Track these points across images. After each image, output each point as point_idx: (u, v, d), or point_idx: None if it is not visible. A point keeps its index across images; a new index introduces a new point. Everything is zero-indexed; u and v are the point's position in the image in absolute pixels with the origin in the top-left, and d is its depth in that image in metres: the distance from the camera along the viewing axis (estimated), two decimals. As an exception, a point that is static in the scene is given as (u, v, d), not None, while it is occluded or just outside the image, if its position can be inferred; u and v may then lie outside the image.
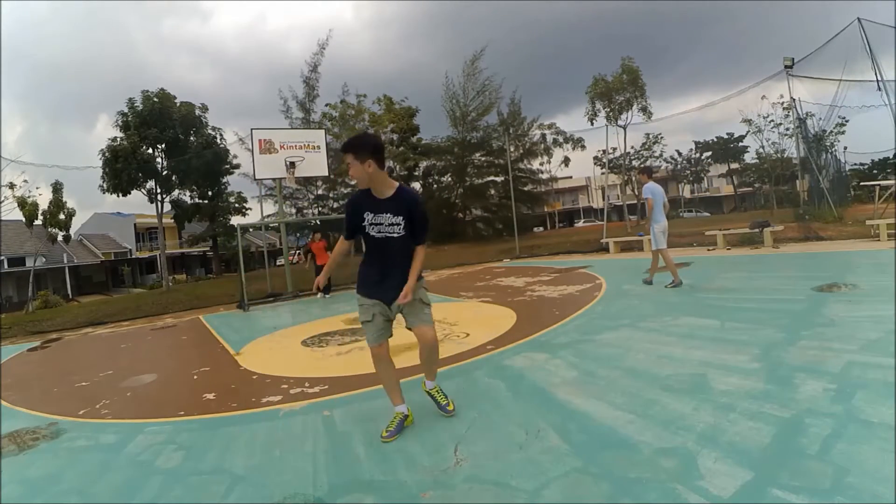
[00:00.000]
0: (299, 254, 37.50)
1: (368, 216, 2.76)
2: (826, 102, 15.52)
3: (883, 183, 13.31)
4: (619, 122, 24.25)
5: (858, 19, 12.00)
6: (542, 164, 35.11)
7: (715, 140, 47.45)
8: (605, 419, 2.72)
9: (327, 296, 10.89)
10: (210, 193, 26.60)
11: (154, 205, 22.49)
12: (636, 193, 39.86)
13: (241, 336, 7.00)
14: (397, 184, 2.82)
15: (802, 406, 2.58)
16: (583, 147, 35.16)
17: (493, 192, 31.88)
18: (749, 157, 42.11)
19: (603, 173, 35.73)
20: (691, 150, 49.92)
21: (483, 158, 31.55)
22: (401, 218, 2.74)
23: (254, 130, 11.88)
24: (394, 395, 2.95)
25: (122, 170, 20.51)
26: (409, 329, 2.92)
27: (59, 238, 21.46)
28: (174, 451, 2.97)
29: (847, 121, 24.05)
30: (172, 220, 26.77)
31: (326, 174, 14.31)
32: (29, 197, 19.01)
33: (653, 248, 7.15)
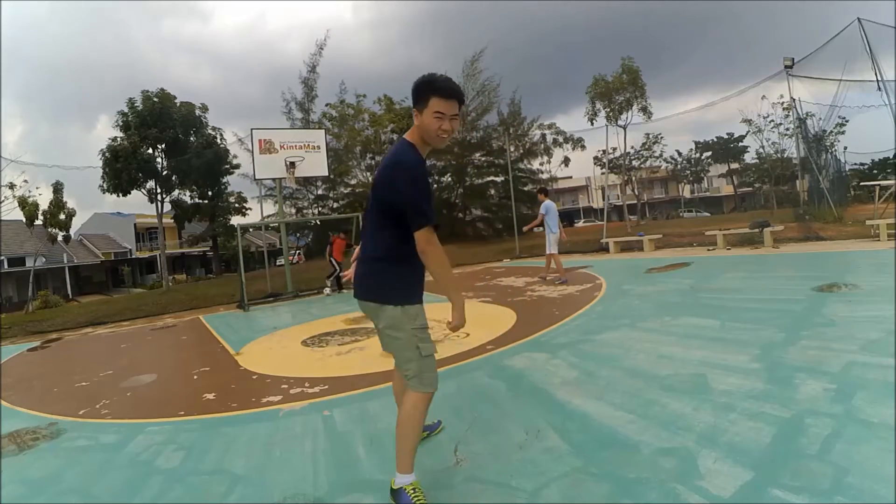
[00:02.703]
0: (299, 254, 37.56)
1: None
2: (826, 102, 15.54)
3: (883, 183, 13.30)
4: (619, 122, 24.25)
5: (858, 19, 12.00)
6: (542, 164, 35.14)
7: (715, 140, 47.43)
8: (605, 419, 2.72)
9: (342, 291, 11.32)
10: (210, 193, 26.58)
11: (154, 205, 22.48)
12: (636, 193, 39.92)
13: (241, 336, 6.99)
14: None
15: (802, 406, 2.58)
16: (583, 147, 35.16)
17: (493, 192, 31.86)
18: (749, 157, 42.14)
19: (603, 173, 35.72)
20: (691, 150, 49.90)
21: (483, 158, 31.54)
22: None
23: (254, 130, 11.88)
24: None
25: (122, 170, 20.50)
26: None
27: (59, 238, 21.45)
28: (174, 451, 2.97)
29: (847, 121, 24.07)
30: (172, 220, 26.75)
31: (326, 174, 14.31)
32: (29, 197, 19.01)
33: (547, 252, 8.94)
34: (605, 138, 36.74)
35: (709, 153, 49.57)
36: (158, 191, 22.25)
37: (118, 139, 21.15)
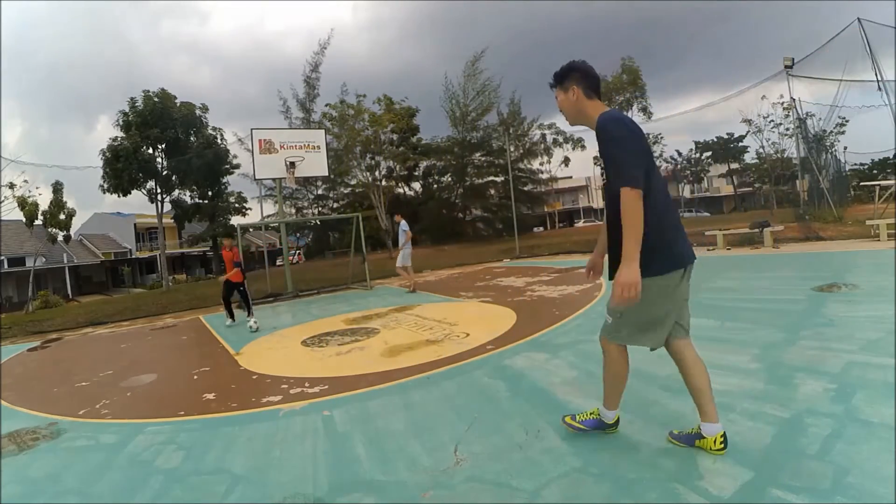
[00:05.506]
0: (299, 254, 37.56)
1: None
2: (826, 102, 15.64)
3: (883, 183, 13.31)
4: (619, 122, 24.24)
5: (858, 19, 12.02)
6: (542, 164, 35.20)
7: (715, 140, 47.47)
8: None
9: (231, 322, 8.06)
10: (210, 193, 26.63)
11: (154, 205, 22.50)
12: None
13: (241, 336, 6.99)
14: (602, 110, 2.22)
15: (802, 406, 2.58)
16: (583, 147, 35.22)
17: (493, 192, 31.88)
18: (749, 157, 42.26)
19: (603, 173, 35.70)
20: (691, 150, 49.95)
21: (483, 158, 31.57)
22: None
23: (254, 130, 11.88)
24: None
25: (122, 170, 20.52)
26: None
27: (60, 238, 21.46)
28: (174, 451, 2.97)
29: (847, 121, 24.14)
30: (172, 220, 26.78)
31: (326, 174, 14.31)
32: (29, 197, 19.02)
33: (401, 264, 9.81)
34: (605, 138, 36.62)
35: (709, 153, 49.59)
36: (158, 191, 22.27)
37: (119, 139, 21.17)
